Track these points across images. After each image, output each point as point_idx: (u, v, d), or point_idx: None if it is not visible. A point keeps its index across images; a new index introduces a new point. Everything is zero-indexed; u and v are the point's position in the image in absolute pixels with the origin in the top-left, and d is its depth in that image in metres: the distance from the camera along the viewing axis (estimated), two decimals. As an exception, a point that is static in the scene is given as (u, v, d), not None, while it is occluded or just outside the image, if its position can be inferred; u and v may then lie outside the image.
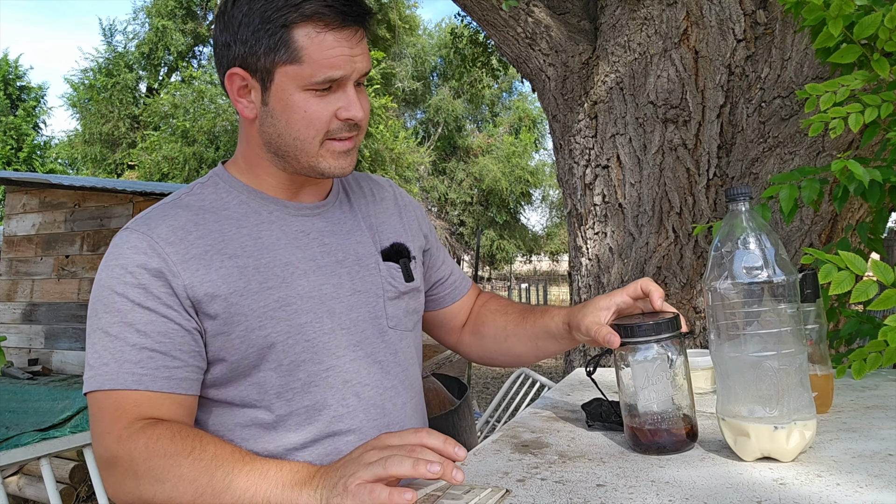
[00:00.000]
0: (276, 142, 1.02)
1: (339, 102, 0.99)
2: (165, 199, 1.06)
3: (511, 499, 0.78)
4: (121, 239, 0.98)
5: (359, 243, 1.11)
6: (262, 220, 1.05)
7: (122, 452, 0.87)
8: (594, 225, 2.67)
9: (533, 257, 27.77)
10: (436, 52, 21.91)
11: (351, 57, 0.97)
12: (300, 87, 0.97)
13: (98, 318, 0.94)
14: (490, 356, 1.29)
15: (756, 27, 2.32)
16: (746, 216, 0.89)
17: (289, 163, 1.04)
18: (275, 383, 0.99)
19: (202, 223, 1.01)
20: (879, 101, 1.25)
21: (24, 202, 5.42)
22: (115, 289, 0.94)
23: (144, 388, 0.91)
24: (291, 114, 0.99)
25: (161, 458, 0.85)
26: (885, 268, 1.00)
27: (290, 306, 1.00)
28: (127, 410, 0.90)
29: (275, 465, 0.84)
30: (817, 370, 1.07)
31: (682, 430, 0.92)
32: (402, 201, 1.27)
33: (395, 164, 12.81)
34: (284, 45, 0.96)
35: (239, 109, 1.03)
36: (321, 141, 1.00)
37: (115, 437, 0.88)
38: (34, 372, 4.93)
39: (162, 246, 0.96)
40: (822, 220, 2.29)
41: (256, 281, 0.99)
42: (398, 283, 1.13)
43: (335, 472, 0.79)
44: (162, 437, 0.87)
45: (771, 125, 2.27)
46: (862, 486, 0.76)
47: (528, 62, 2.79)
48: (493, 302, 1.33)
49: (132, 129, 15.38)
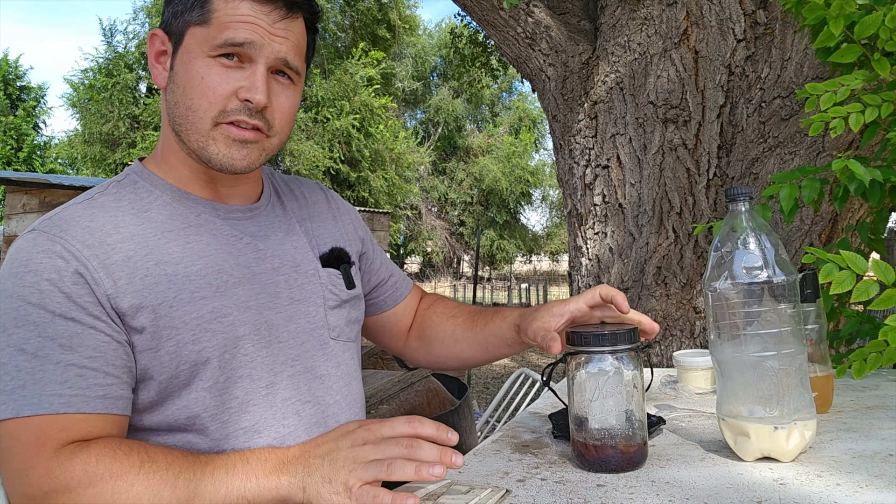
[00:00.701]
0: (174, 113, 0.93)
1: (242, 80, 0.90)
2: (76, 198, 0.94)
3: (511, 499, 0.78)
4: (27, 243, 0.85)
5: (295, 248, 1.03)
6: (190, 224, 0.94)
7: (56, 485, 0.75)
8: (594, 225, 2.67)
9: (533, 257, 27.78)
10: (436, 53, 21.91)
11: (267, 32, 0.90)
12: (205, 52, 0.90)
13: (8, 335, 0.80)
14: (438, 361, 1.24)
15: (756, 27, 2.32)
16: (746, 216, 0.89)
17: (184, 142, 0.94)
18: (209, 404, 0.89)
19: (122, 226, 0.90)
20: (880, 101, 1.25)
21: (24, 202, 5.42)
22: (29, 299, 0.81)
23: (75, 411, 0.79)
24: (189, 79, 0.91)
25: (108, 481, 0.75)
26: (885, 267, 1.00)
27: (227, 318, 0.91)
28: (52, 437, 0.78)
29: (238, 458, 0.80)
30: (817, 370, 1.07)
31: (630, 449, 0.86)
32: (335, 204, 1.19)
33: (395, 164, 12.82)
34: (199, 5, 0.90)
35: (154, 76, 0.95)
36: (214, 120, 0.90)
37: (44, 469, 0.76)
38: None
39: (79, 249, 0.85)
40: (823, 220, 2.29)
41: (188, 290, 0.89)
42: (339, 291, 1.05)
43: (322, 464, 0.77)
44: (102, 456, 0.77)
45: (771, 125, 2.27)
46: (862, 487, 0.76)
47: (528, 62, 2.79)
48: (439, 304, 1.26)
49: (132, 129, 15.38)
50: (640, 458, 0.87)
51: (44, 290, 0.82)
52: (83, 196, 0.94)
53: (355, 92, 11.69)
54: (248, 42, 0.89)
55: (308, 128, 11.40)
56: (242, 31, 0.89)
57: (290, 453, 0.81)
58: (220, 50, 0.89)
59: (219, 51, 0.89)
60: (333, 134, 11.22)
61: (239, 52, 0.90)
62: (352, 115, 11.31)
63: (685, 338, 2.44)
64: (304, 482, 0.77)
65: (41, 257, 0.83)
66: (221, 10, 0.90)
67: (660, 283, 2.47)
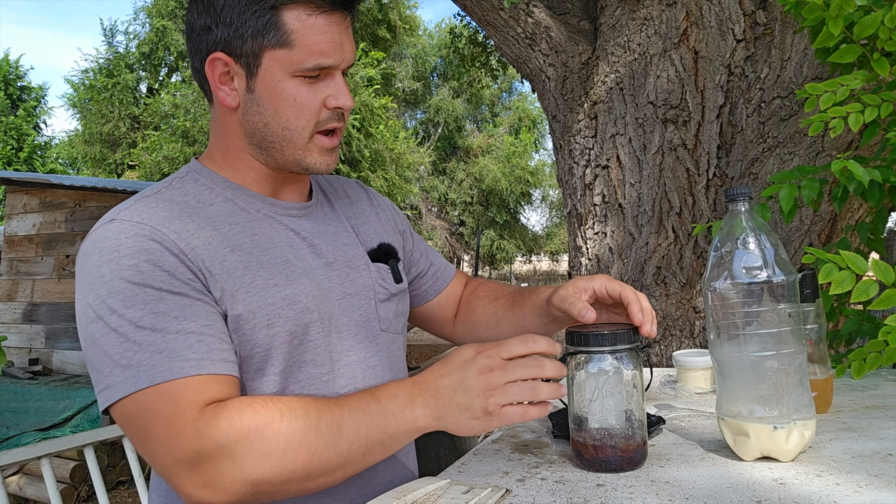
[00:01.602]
0: (262, 132, 0.97)
1: (327, 90, 0.95)
2: (142, 193, 0.96)
3: (511, 498, 0.78)
4: (111, 232, 0.87)
5: (346, 245, 1.07)
6: (252, 218, 0.98)
7: (207, 444, 0.77)
8: (594, 225, 2.67)
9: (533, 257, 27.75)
10: (436, 53, 21.91)
11: (340, 44, 0.94)
12: (290, 73, 0.93)
13: (118, 316, 0.82)
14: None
15: (756, 27, 2.32)
16: (746, 216, 0.89)
17: (272, 156, 0.98)
18: (277, 388, 0.93)
19: (195, 216, 0.93)
20: (879, 101, 1.25)
21: (25, 202, 5.42)
22: (132, 280, 0.83)
23: (206, 373, 0.81)
24: (281, 101, 0.94)
25: (255, 433, 0.78)
26: (885, 267, 1.00)
27: (297, 305, 0.95)
28: (190, 400, 0.79)
29: (369, 397, 0.83)
30: (817, 371, 1.07)
31: (630, 449, 0.86)
32: (376, 201, 1.23)
33: (395, 165, 12.82)
34: (274, 28, 0.91)
35: (220, 98, 0.97)
36: (311, 133, 0.96)
37: (192, 432, 0.77)
38: (35, 372, 4.93)
39: (166, 234, 0.87)
40: (822, 220, 2.29)
41: (262, 277, 0.92)
42: (388, 285, 1.09)
43: (454, 393, 0.81)
44: (242, 411, 0.79)
45: (770, 125, 2.27)
46: (862, 486, 0.76)
47: (527, 62, 2.79)
48: (482, 288, 1.29)
49: (132, 129, 15.38)
50: (640, 457, 0.87)
51: (144, 270, 0.84)
52: (148, 191, 0.97)
53: (355, 92, 11.69)
54: (335, 64, 0.94)
55: (308, 128, 11.41)
56: (329, 56, 0.93)
57: (417, 387, 0.84)
58: (310, 73, 0.93)
59: (308, 73, 0.93)
60: (333, 134, 11.22)
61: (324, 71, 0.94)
62: (352, 116, 11.32)
63: (685, 337, 2.44)
64: (440, 410, 0.81)
65: (133, 241, 0.85)
66: (300, 31, 0.92)
67: (659, 283, 2.47)
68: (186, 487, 0.79)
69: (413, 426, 0.82)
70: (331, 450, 0.80)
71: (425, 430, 0.83)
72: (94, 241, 0.88)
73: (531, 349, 0.82)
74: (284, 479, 0.79)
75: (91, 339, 0.83)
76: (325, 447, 0.79)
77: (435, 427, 0.83)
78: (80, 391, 4.21)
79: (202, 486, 0.78)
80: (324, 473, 0.81)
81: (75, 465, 3.93)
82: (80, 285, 0.86)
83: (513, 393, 0.80)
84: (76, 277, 0.89)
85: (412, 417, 0.82)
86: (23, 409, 4.30)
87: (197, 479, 0.78)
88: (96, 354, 0.82)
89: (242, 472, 0.77)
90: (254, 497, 0.79)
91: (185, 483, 0.79)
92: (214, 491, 0.78)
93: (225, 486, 0.78)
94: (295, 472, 0.79)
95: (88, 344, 0.84)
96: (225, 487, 0.78)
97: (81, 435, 1.40)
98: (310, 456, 0.79)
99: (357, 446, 0.81)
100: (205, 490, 0.78)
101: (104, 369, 0.81)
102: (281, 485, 0.79)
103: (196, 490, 0.78)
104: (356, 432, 0.81)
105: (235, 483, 0.78)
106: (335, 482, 0.83)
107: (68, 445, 1.36)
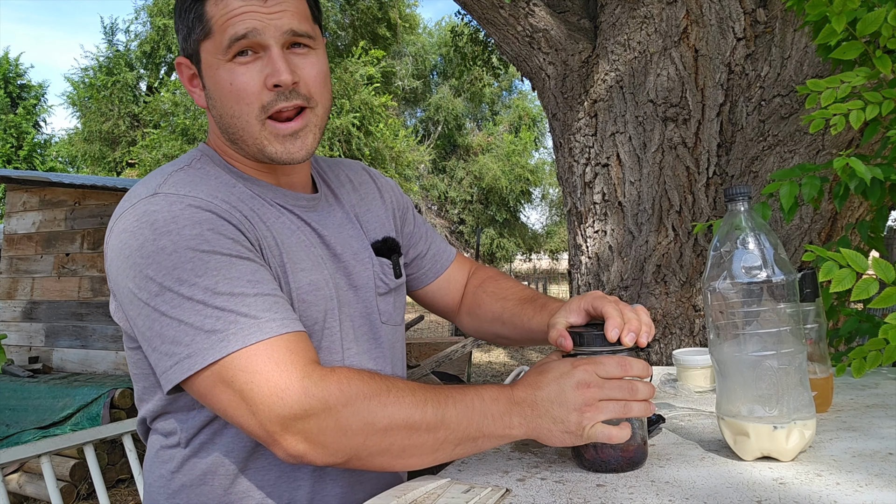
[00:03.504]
0: (224, 126, 0.95)
1: (265, 69, 0.90)
2: (169, 168, 0.95)
3: (511, 498, 0.78)
4: (158, 205, 0.85)
5: (351, 237, 1.07)
6: (269, 204, 0.98)
7: (316, 403, 0.77)
8: (594, 223, 2.66)
9: (533, 256, 27.75)
10: (436, 51, 21.89)
11: (263, 14, 0.89)
12: (221, 60, 0.91)
13: (190, 286, 0.80)
14: (485, 336, 1.28)
15: (756, 25, 2.31)
16: (745, 216, 0.89)
17: (243, 148, 0.96)
18: None
19: (227, 193, 0.92)
20: (881, 99, 1.25)
21: (25, 200, 5.42)
22: (200, 248, 0.82)
23: (292, 330, 0.81)
24: (220, 90, 0.92)
25: (363, 401, 0.78)
26: (886, 266, 1.00)
27: (320, 291, 0.96)
28: (287, 359, 0.78)
29: (473, 394, 0.84)
30: (817, 370, 1.07)
31: (630, 449, 0.85)
32: (380, 183, 1.22)
33: (395, 163, 12.81)
34: (199, 21, 0.91)
35: (196, 101, 0.98)
36: (260, 120, 0.92)
37: (300, 389, 0.77)
38: (34, 370, 4.93)
39: (217, 203, 0.87)
40: (822, 219, 2.29)
41: (292, 261, 0.94)
42: (389, 280, 1.10)
43: (551, 406, 0.83)
44: (352, 378, 0.79)
45: (770, 124, 2.27)
46: (862, 486, 0.76)
47: (528, 61, 2.78)
48: (490, 284, 1.26)
49: (132, 127, 15.37)
50: (641, 457, 0.87)
51: (209, 238, 0.83)
52: (172, 166, 0.95)
53: (355, 90, 11.68)
54: (251, 30, 0.89)
55: (308, 126, 11.41)
56: (241, 23, 0.89)
57: (517, 394, 0.85)
58: (231, 51, 0.90)
59: (230, 52, 0.90)
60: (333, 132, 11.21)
61: (248, 45, 0.90)
62: (352, 114, 11.30)
63: (684, 336, 2.44)
64: (535, 422, 0.83)
65: (189, 212, 0.84)
66: (216, 14, 0.91)
67: (659, 282, 2.47)
68: (288, 444, 0.78)
69: (507, 433, 0.84)
70: (430, 434, 0.81)
71: (516, 439, 0.86)
72: (137, 216, 0.85)
73: (627, 372, 0.85)
74: (382, 450, 0.80)
75: (158, 312, 0.81)
76: (425, 429, 0.80)
77: (525, 437, 0.85)
78: (79, 389, 4.22)
79: (304, 442, 0.78)
80: (416, 454, 0.82)
81: (75, 464, 3.93)
82: (130, 261, 0.83)
83: (607, 411, 0.83)
84: (114, 257, 0.86)
85: (508, 424, 0.84)
86: (23, 408, 4.31)
87: (299, 437, 0.78)
88: (168, 327, 0.80)
89: (346, 436, 0.78)
90: (348, 462, 0.80)
91: (286, 440, 0.78)
92: (315, 449, 0.78)
93: (327, 446, 0.78)
94: (392, 445, 0.80)
95: (154, 319, 0.81)
96: (327, 446, 0.78)
97: (81, 433, 1.40)
98: (409, 434, 0.80)
99: (453, 437, 0.82)
100: (307, 447, 0.78)
101: (183, 339, 0.79)
102: (377, 455, 0.80)
103: (296, 446, 0.78)
104: (457, 423, 0.82)
105: (337, 444, 0.78)
106: (421, 466, 0.84)
107: (68, 443, 1.36)
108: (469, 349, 5.34)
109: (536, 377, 0.86)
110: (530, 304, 1.17)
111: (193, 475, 0.95)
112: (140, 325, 0.84)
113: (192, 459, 0.95)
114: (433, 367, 4.72)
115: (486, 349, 9.57)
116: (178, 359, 0.79)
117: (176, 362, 0.80)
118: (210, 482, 0.94)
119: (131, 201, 0.88)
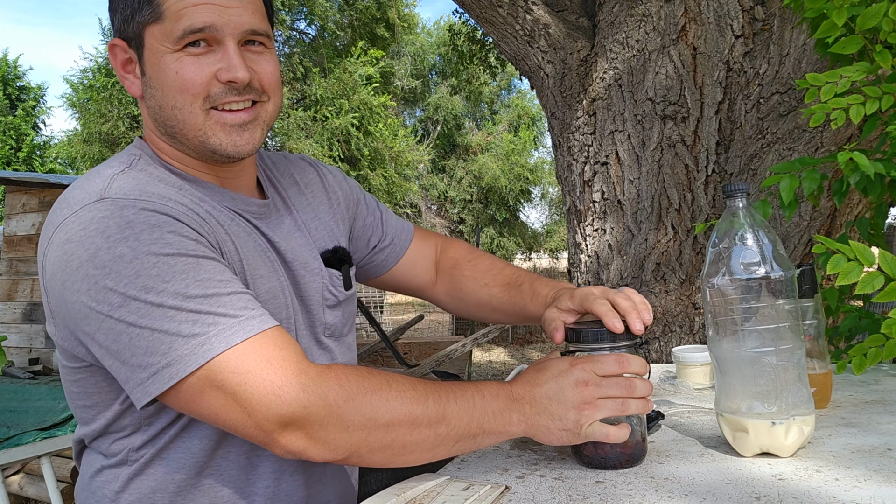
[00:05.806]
0: (161, 117, 0.90)
1: (218, 64, 0.87)
2: (108, 170, 0.88)
3: (510, 496, 0.78)
4: (108, 211, 0.79)
5: (300, 246, 1.03)
6: (213, 209, 0.92)
7: (316, 400, 0.75)
8: (593, 222, 2.66)
9: (533, 255, 27.72)
10: (435, 51, 21.88)
11: (223, 8, 0.86)
12: (169, 48, 0.86)
13: (157, 293, 0.75)
14: (470, 316, 1.27)
15: (754, 23, 2.31)
16: (744, 212, 0.89)
17: (181, 142, 0.91)
18: None
19: (176, 194, 0.87)
20: (880, 93, 1.24)
21: (24, 202, 5.42)
22: (164, 252, 0.77)
23: (273, 325, 0.79)
24: (164, 78, 0.87)
25: (364, 395, 0.77)
26: (892, 260, 0.99)
27: (277, 299, 0.94)
28: (277, 355, 0.76)
29: (473, 391, 0.84)
30: (815, 366, 1.07)
31: (629, 445, 0.85)
32: (327, 181, 1.16)
33: (394, 163, 12.81)
34: (148, 2, 0.86)
35: (127, 87, 0.92)
36: (204, 109, 0.88)
37: (297, 386, 0.75)
38: (35, 371, 4.93)
39: (172, 206, 0.83)
40: (821, 216, 2.29)
41: (251, 266, 0.91)
42: (338, 292, 1.06)
43: (549, 403, 0.83)
44: (350, 374, 0.78)
45: (769, 121, 2.27)
46: (861, 481, 0.76)
47: (526, 59, 2.78)
48: (466, 267, 1.23)
49: (131, 128, 15.36)
50: (640, 454, 0.87)
51: (171, 241, 0.79)
52: (112, 169, 0.88)
53: (354, 90, 11.67)
54: (209, 25, 0.85)
55: (307, 126, 11.39)
56: (199, 16, 0.85)
57: (516, 391, 0.85)
58: (184, 41, 0.86)
59: (182, 42, 0.86)
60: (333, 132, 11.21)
61: (203, 37, 0.87)
62: (351, 114, 11.30)
63: (684, 334, 2.44)
64: (533, 419, 0.83)
65: (144, 216, 0.79)
66: (170, 1, 0.85)
67: (659, 280, 2.47)
68: (287, 442, 0.77)
69: (506, 430, 0.84)
70: (431, 429, 0.80)
71: (515, 437, 0.86)
72: (82, 224, 0.79)
73: (625, 369, 0.85)
74: (383, 446, 0.79)
75: (125, 323, 0.76)
76: (427, 425, 0.80)
77: (523, 434, 0.85)
78: (80, 391, 4.21)
79: (304, 439, 0.77)
80: (416, 450, 0.81)
81: (76, 465, 3.93)
82: (80, 273, 0.77)
83: (605, 409, 0.83)
84: (56, 270, 0.80)
85: (507, 421, 0.84)
86: (23, 409, 4.30)
87: (299, 434, 0.76)
88: (138, 338, 0.75)
89: (347, 431, 0.77)
90: (348, 458, 0.80)
91: (286, 438, 0.76)
92: (316, 446, 0.77)
93: (328, 442, 0.77)
94: (394, 441, 0.79)
95: (119, 331, 0.76)
96: (328, 443, 0.77)
97: (81, 434, 1.40)
98: (411, 429, 0.79)
99: (454, 433, 0.82)
100: (307, 444, 0.77)
101: (158, 348, 0.75)
102: (377, 451, 0.80)
103: (296, 443, 0.77)
104: (458, 420, 0.81)
105: (338, 440, 0.77)
106: (419, 462, 0.84)
107: (69, 444, 1.36)
108: (469, 348, 5.34)
109: (535, 375, 0.86)
110: (517, 290, 1.15)
111: (141, 493, 0.90)
112: (102, 339, 0.78)
113: (137, 478, 0.91)
114: (433, 367, 4.72)
115: (486, 348, 9.57)
116: (156, 369, 0.75)
117: (153, 373, 0.75)
118: (159, 500, 0.90)
119: (72, 208, 0.81)
